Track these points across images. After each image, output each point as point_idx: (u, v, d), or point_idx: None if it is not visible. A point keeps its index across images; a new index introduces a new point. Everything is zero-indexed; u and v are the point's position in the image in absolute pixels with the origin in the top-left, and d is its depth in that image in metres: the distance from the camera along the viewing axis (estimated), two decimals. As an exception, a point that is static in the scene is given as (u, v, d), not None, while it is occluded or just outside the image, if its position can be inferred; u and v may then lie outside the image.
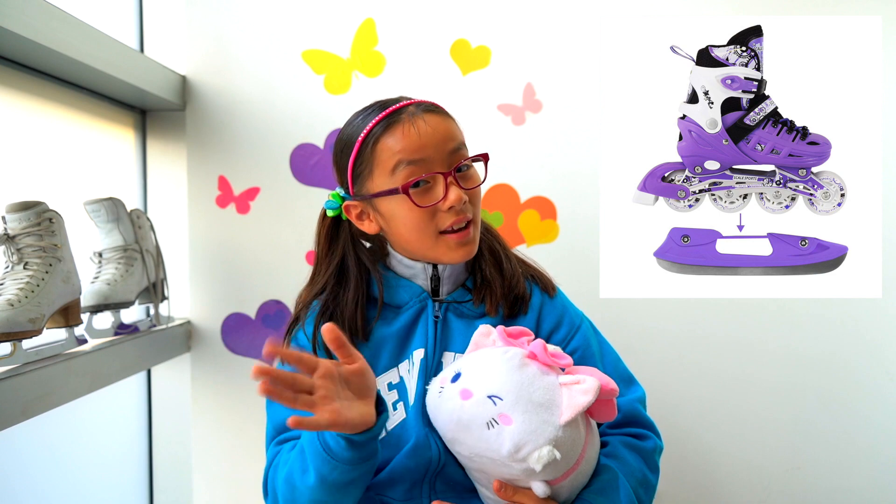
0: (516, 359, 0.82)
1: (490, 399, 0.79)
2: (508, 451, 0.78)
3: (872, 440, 1.53)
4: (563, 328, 1.00)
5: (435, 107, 0.96)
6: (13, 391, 0.94)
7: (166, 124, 1.55)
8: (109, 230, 1.28)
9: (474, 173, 0.96)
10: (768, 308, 1.52)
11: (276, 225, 1.54)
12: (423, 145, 0.90)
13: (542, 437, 0.78)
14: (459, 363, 0.87)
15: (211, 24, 1.53)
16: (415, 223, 0.92)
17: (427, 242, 0.94)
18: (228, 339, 1.55)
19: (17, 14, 1.00)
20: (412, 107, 0.93)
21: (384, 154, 0.92)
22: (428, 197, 0.91)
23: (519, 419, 0.78)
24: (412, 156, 0.90)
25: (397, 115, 0.92)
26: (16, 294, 0.98)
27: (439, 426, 0.85)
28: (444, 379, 0.86)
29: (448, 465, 0.90)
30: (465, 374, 0.84)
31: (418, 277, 0.98)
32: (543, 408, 0.79)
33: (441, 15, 1.52)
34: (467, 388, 0.81)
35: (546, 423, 0.78)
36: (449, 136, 0.93)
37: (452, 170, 0.91)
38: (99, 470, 1.39)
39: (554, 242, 1.53)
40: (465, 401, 0.80)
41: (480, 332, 0.89)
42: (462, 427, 0.81)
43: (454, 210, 0.91)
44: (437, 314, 0.97)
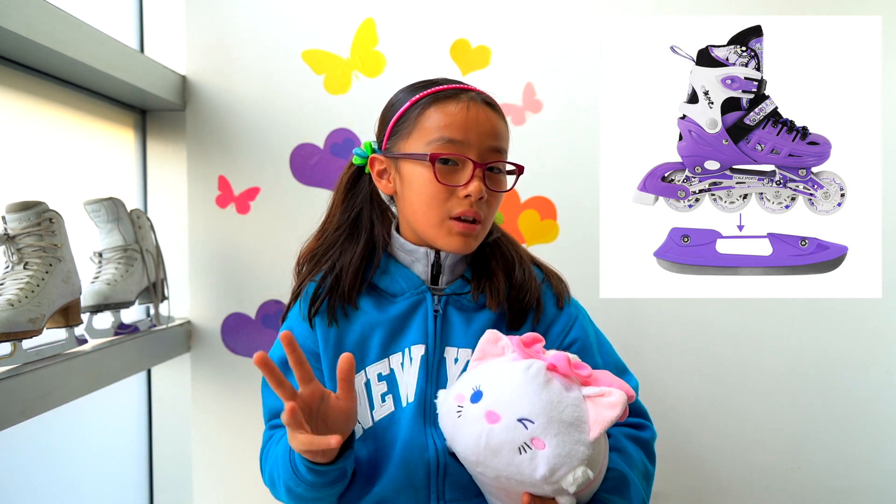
0: (541, 375, 0.79)
1: (521, 423, 0.76)
2: (543, 475, 0.75)
3: (872, 440, 1.53)
4: (560, 319, 0.99)
5: (494, 102, 0.96)
6: (13, 391, 0.94)
7: (166, 124, 1.55)
8: (109, 230, 1.28)
9: (503, 179, 0.95)
10: (768, 308, 1.52)
11: (276, 225, 1.54)
12: (468, 129, 0.91)
13: (575, 458, 0.76)
14: (475, 377, 0.83)
15: (211, 24, 1.53)
16: (429, 197, 0.92)
17: (432, 219, 0.93)
18: (228, 339, 1.55)
19: (17, 14, 1.00)
20: (474, 93, 0.94)
21: (429, 122, 0.92)
22: (452, 177, 0.91)
23: (552, 442, 0.76)
24: (454, 134, 0.91)
25: (457, 94, 0.93)
26: (16, 294, 0.98)
27: (460, 448, 0.81)
28: (461, 397, 0.81)
29: (450, 466, 0.89)
30: (487, 393, 0.79)
31: (419, 263, 0.97)
32: (574, 427, 0.76)
33: (441, 15, 1.52)
34: (493, 410, 0.78)
35: (578, 442, 0.76)
36: (495, 134, 0.93)
37: (485, 164, 0.91)
38: (99, 470, 1.39)
39: (554, 242, 1.53)
40: (494, 424, 0.77)
41: (488, 339, 0.87)
42: (490, 452, 0.77)
43: (469, 200, 0.91)
44: (436, 308, 0.96)
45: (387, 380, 0.94)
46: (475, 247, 0.95)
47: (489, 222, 0.96)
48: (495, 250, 1.00)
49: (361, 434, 0.93)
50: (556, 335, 0.97)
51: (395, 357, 0.94)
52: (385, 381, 0.93)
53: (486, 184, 0.92)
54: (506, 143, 0.95)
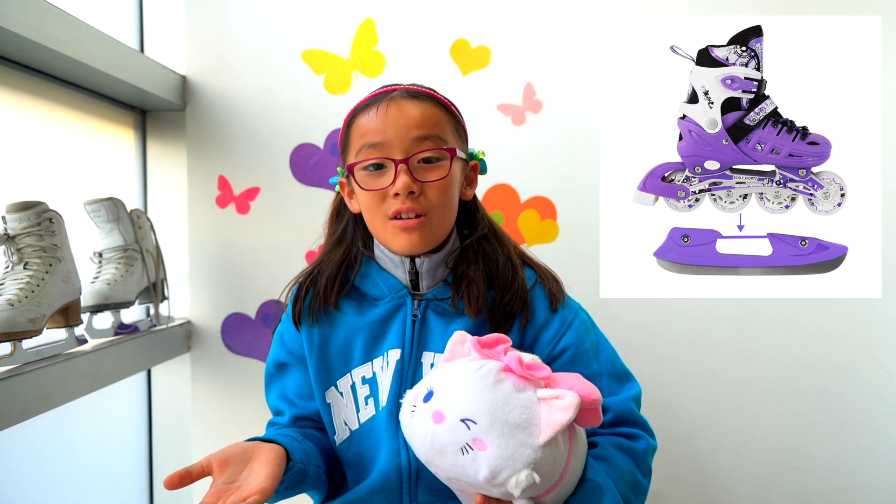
0: (490, 375, 0.77)
1: (463, 423, 0.75)
2: (485, 477, 0.74)
3: (872, 440, 1.53)
4: (552, 325, 0.95)
5: (417, 93, 0.94)
6: (13, 391, 0.94)
7: (166, 124, 1.55)
8: (109, 230, 1.28)
9: (440, 167, 0.91)
10: (768, 308, 1.52)
11: (276, 225, 1.54)
12: (383, 130, 0.90)
13: (519, 461, 0.73)
14: (432, 378, 0.82)
15: (211, 24, 1.53)
16: (367, 205, 0.93)
17: (377, 226, 0.94)
18: (228, 339, 1.55)
19: (17, 14, 1.00)
20: (397, 91, 0.93)
21: (355, 134, 0.93)
22: (378, 181, 0.91)
23: (494, 444, 0.74)
24: (372, 139, 0.91)
25: (377, 99, 0.93)
26: (16, 294, 0.98)
27: (414, 448, 0.81)
28: (417, 396, 0.81)
29: (423, 469, 0.88)
30: (436, 392, 0.78)
31: (398, 270, 0.96)
32: (520, 429, 0.74)
33: (441, 15, 1.52)
34: (439, 409, 0.77)
35: (523, 445, 0.74)
36: (416, 124, 0.90)
37: (407, 158, 0.90)
38: (99, 470, 1.39)
39: (554, 242, 1.53)
40: (438, 424, 0.76)
41: (455, 340, 0.84)
42: (436, 452, 0.76)
43: (400, 198, 0.89)
44: (415, 313, 0.94)
45: (369, 383, 0.94)
46: (429, 242, 0.93)
47: (440, 212, 0.92)
48: (478, 252, 0.96)
49: (348, 435, 0.95)
50: (546, 341, 0.94)
51: (378, 361, 0.95)
52: (368, 385, 0.94)
53: (416, 176, 0.90)
54: (437, 128, 0.92)
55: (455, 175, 0.94)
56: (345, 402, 0.95)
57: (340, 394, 0.95)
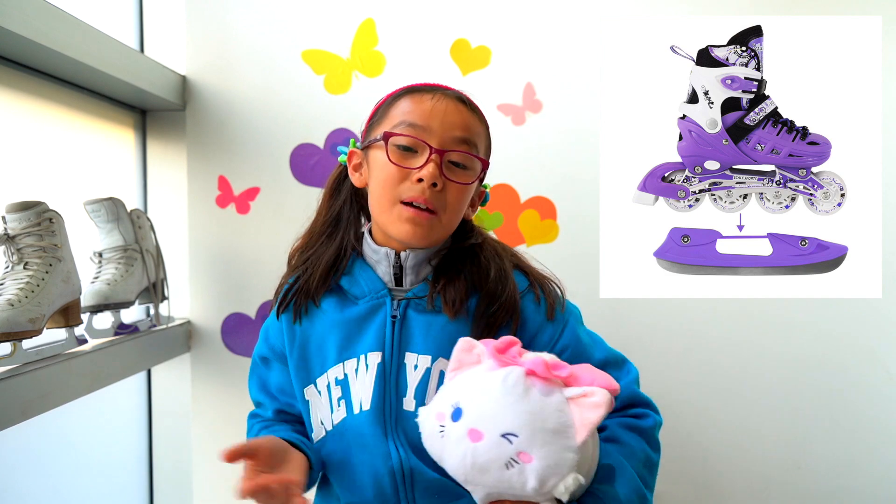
0: (519, 384, 0.76)
1: (504, 438, 0.74)
2: (533, 487, 0.74)
3: (872, 440, 1.53)
4: (548, 329, 0.94)
5: (466, 99, 0.95)
6: (13, 391, 0.94)
7: (166, 124, 1.55)
8: (109, 230, 1.28)
9: (468, 174, 0.92)
10: (768, 308, 1.52)
11: (277, 225, 1.53)
12: (430, 117, 0.90)
13: (564, 466, 0.74)
14: (454, 393, 0.80)
15: (211, 24, 1.53)
16: (384, 179, 0.92)
17: (384, 203, 0.92)
18: (228, 339, 1.55)
19: (17, 14, 1.00)
20: (453, 91, 0.95)
21: (396, 111, 0.93)
22: (407, 160, 0.90)
23: (538, 454, 0.73)
24: (416, 119, 0.91)
25: (434, 88, 0.94)
26: (16, 294, 0.98)
27: (449, 467, 0.79)
28: (442, 415, 0.78)
29: (417, 472, 0.88)
30: (467, 409, 0.77)
31: (381, 264, 0.95)
32: (559, 434, 0.74)
33: (441, 15, 1.52)
34: (475, 427, 0.75)
35: (565, 449, 0.74)
36: (460, 126, 0.91)
37: (443, 150, 0.90)
38: (99, 470, 1.39)
39: (554, 242, 1.53)
40: (477, 443, 0.75)
41: (462, 348, 0.83)
42: (478, 470, 0.75)
43: (422, 186, 0.89)
44: (395, 314, 0.93)
45: (341, 385, 0.93)
46: (429, 239, 0.92)
47: (450, 216, 0.92)
48: (467, 256, 0.96)
49: (323, 435, 0.94)
50: (543, 344, 0.93)
51: (350, 363, 0.93)
52: (340, 386, 0.93)
53: (444, 173, 0.90)
54: (476, 138, 0.93)
55: (473, 187, 0.95)
56: (322, 402, 0.95)
57: (318, 392, 0.95)
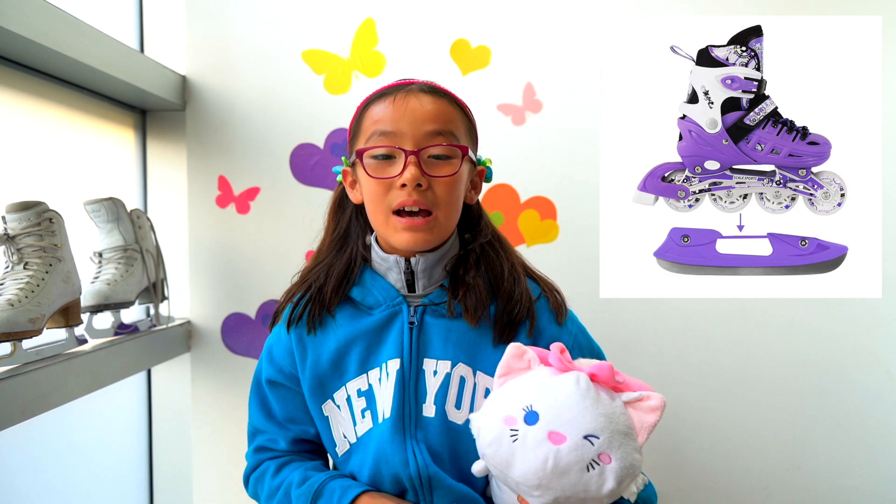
0: (591, 388, 0.78)
1: (587, 440, 0.75)
2: (610, 489, 0.75)
3: (872, 440, 1.53)
4: (562, 338, 0.94)
5: (435, 89, 0.93)
6: (13, 391, 0.94)
7: (166, 124, 1.55)
8: (109, 230, 1.28)
9: (450, 164, 0.90)
10: (768, 308, 1.52)
11: (276, 225, 1.54)
12: (398, 119, 0.89)
13: (636, 467, 0.76)
14: (522, 396, 0.79)
15: (211, 24, 1.53)
16: (372, 195, 0.91)
17: (379, 217, 0.92)
18: (228, 339, 1.55)
19: (17, 14, 1.00)
20: (415, 84, 0.93)
21: (367, 121, 0.93)
22: (387, 170, 0.90)
23: (617, 455, 0.75)
24: (385, 127, 0.90)
25: (394, 89, 0.93)
26: (16, 294, 0.98)
27: (519, 473, 0.77)
28: (513, 419, 0.78)
29: (435, 479, 0.87)
30: (543, 412, 0.77)
31: (392, 271, 0.95)
32: (629, 437, 0.77)
33: (441, 15, 1.52)
34: (556, 430, 0.76)
35: (634, 450, 0.76)
36: (430, 118, 0.90)
37: (418, 150, 0.89)
38: (99, 470, 1.39)
39: (554, 242, 1.53)
40: (560, 445, 0.75)
41: (512, 354, 0.84)
42: (558, 472, 0.75)
43: (407, 190, 0.88)
44: (412, 320, 0.93)
45: (365, 395, 0.92)
46: (432, 241, 0.92)
47: (446, 210, 0.91)
48: (480, 258, 0.95)
49: (347, 448, 0.93)
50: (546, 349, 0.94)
51: (374, 373, 0.93)
52: (364, 397, 0.92)
53: (425, 170, 0.89)
54: (451, 125, 0.91)
55: (463, 174, 0.93)
56: (343, 415, 0.93)
57: (338, 406, 0.94)
